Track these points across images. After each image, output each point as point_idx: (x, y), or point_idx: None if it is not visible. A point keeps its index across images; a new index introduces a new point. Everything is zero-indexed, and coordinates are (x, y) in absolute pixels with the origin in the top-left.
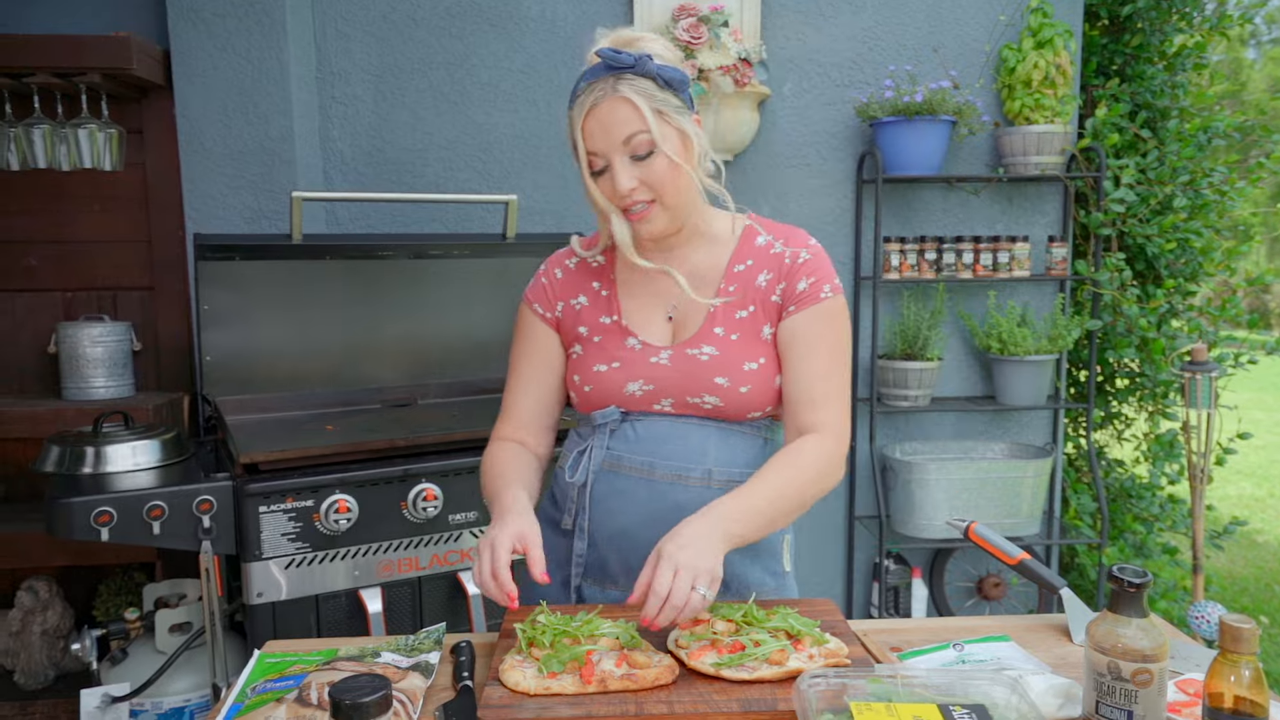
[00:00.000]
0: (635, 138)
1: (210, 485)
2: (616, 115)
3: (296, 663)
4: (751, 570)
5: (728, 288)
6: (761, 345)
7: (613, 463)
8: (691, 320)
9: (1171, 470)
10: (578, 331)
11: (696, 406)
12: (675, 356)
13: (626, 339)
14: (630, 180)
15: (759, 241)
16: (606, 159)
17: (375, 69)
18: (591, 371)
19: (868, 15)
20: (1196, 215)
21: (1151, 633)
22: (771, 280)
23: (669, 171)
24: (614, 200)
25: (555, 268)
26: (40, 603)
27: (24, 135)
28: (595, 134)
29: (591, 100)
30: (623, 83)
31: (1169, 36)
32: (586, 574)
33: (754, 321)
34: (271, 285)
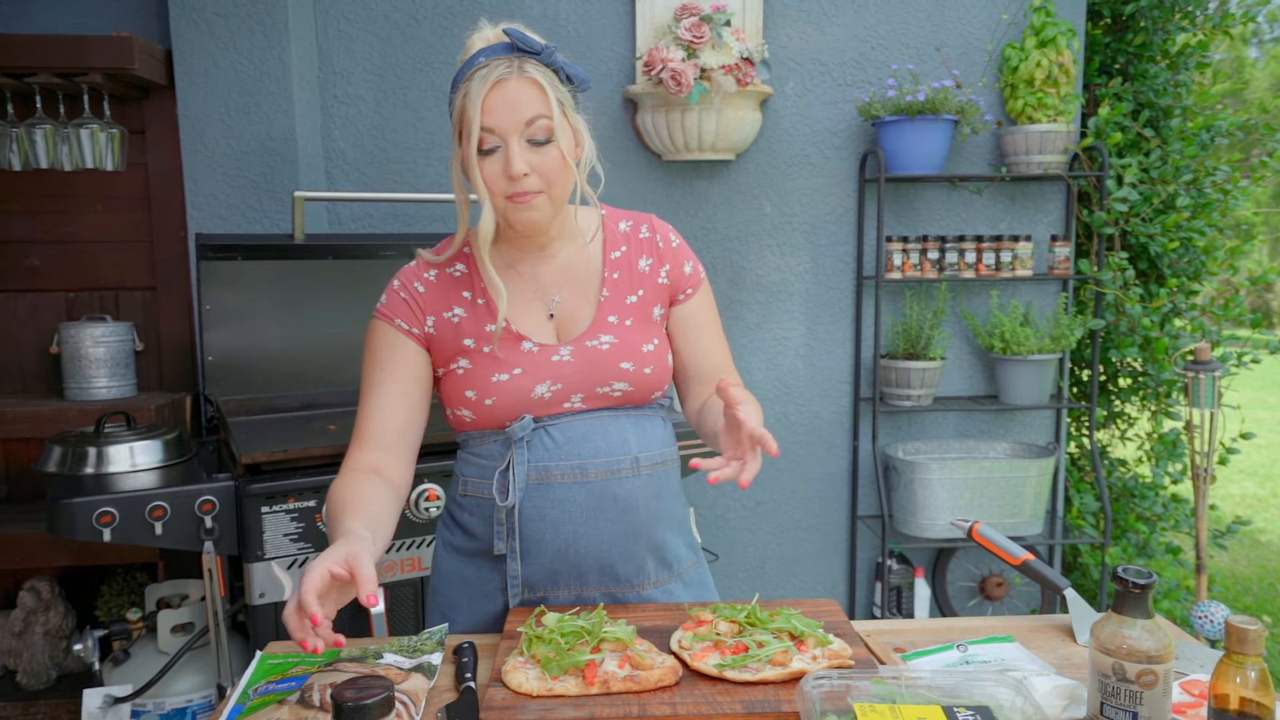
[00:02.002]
0: (537, 121)
1: (212, 485)
2: (523, 94)
3: (299, 664)
4: (680, 546)
5: (611, 275)
6: (653, 326)
7: (540, 475)
8: (580, 314)
9: (1174, 470)
10: (461, 345)
11: (606, 396)
12: (576, 351)
13: (521, 343)
14: (524, 165)
15: (623, 227)
16: (503, 139)
17: (377, 68)
18: (490, 383)
19: (870, 14)
20: (1199, 214)
21: (1157, 634)
22: (654, 264)
23: (559, 164)
24: (500, 184)
25: (414, 282)
26: (42, 603)
27: (26, 135)
28: (498, 110)
29: (498, 75)
30: (529, 65)
31: (1172, 35)
32: (527, 591)
33: (644, 305)
34: (273, 285)
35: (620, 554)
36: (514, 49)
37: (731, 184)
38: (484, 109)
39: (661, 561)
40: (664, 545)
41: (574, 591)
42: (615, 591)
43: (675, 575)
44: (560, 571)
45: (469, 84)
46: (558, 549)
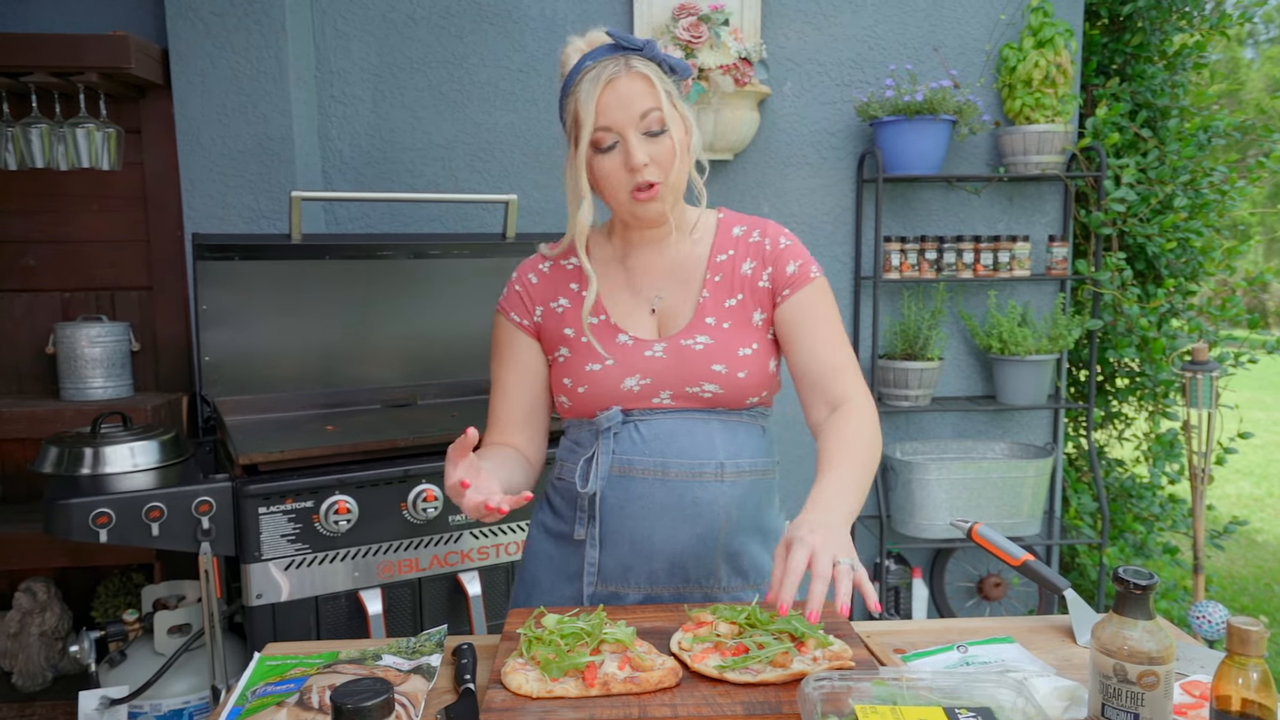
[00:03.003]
0: (651, 114)
1: (209, 486)
2: (634, 89)
3: (297, 665)
4: (765, 557)
5: (713, 278)
6: (753, 331)
7: (623, 467)
8: (679, 312)
9: (1172, 470)
10: (563, 334)
11: (696, 396)
12: (670, 348)
13: (617, 336)
14: (644, 156)
15: (736, 232)
16: (620, 134)
17: (374, 68)
18: (584, 371)
19: (868, 14)
20: (1197, 215)
21: (1158, 635)
22: (757, 267)
23: (674, 152)
24: (621, 179)
25: (528, 274)
26: (38, 604)
27: (22, 135)
28: (612, 107)
29: (609, 74)
30: (635, 60)
31: (1169, 36)
32: (602, 581)
33: (743, 309)
34: (270, 285)
35: (693, 555)
36: (617, 48)
37: (729, 184)
38: (599, 108)
39: (736, 569)
40: (741, 554)
41: (643, 590)
42: (685, 591)
43: (752, 585)
44: (633, 565)
45: (579, 88)
46: (632, 542)
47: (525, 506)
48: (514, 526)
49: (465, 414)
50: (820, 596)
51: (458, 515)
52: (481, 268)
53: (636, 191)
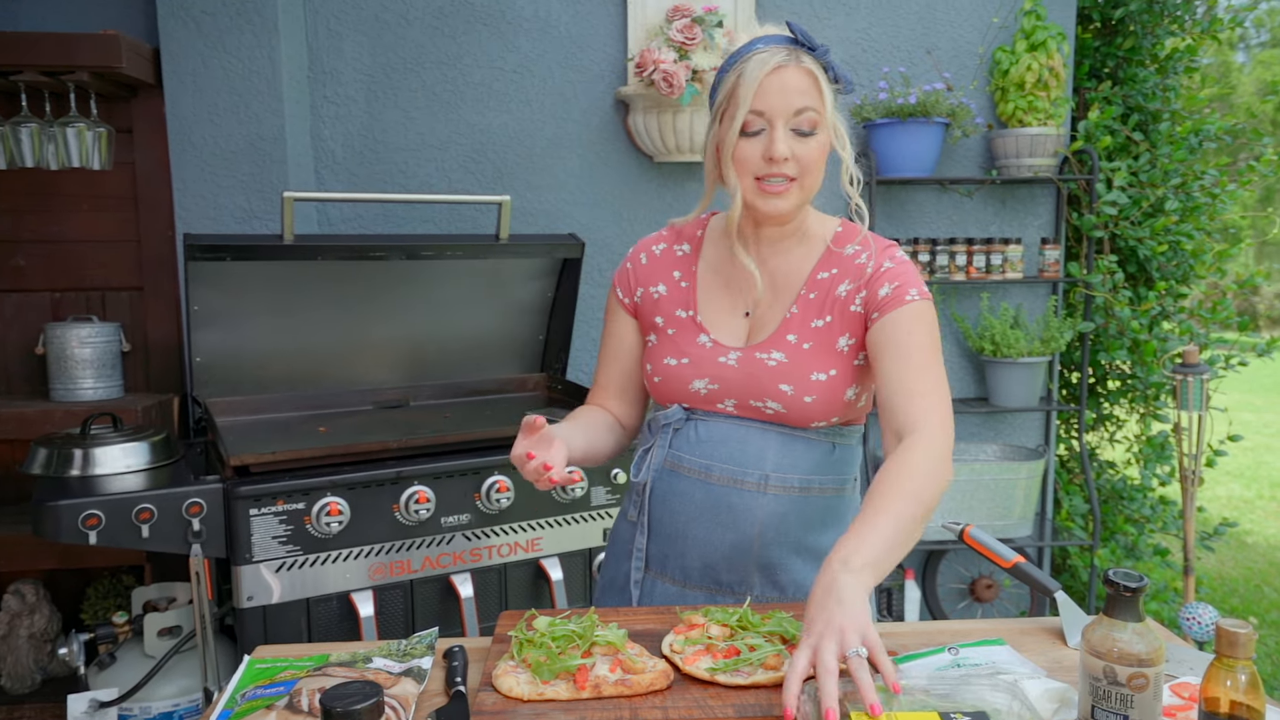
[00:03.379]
0: (807, 112)
1: (200, 488)
2: (800, 83)
3: (287, 668)
4: (809, 574)
5: (808, 294)
6: (834, 356)
7: (673, 463)
8: (767, 322)
9: (1163, 472)
10: (654, 320)
11: (759, 410)
12: (743, 359)
13: (699, 336)
14: (786, 149)
15: (847, 250)
16: (770, 122)
17: (367, 68)
18: (661, 363)
19: (861, 17)
20: (1188, 218)
21: (1147, 637)
22: (851, 290)
23: (818, 156)
24: (755, 165)
25: (641, 253)
26: (27, 606)
27: (11, 134)
28: (771, 93)
29: (777, 61)
30: (806, 57)
31: (1161, 40)
32: (649, 567)
33: (829, 332)
34: (262, 286)
35: (724, 560)
36: (794, 41)
37: None
38: (758, 92)
39: (772, 581)
40: (777, 567)
41: (678, 584)
42: (716, 593)
43: (789, 599)
44: (669, 556)
45: (745, 65)
46: (670, 535)
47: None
48: (506, 530)
49: (458, 415)
50: (831, 692)
51: (449, 517)
52: (475, 269)
53: (764, 181)
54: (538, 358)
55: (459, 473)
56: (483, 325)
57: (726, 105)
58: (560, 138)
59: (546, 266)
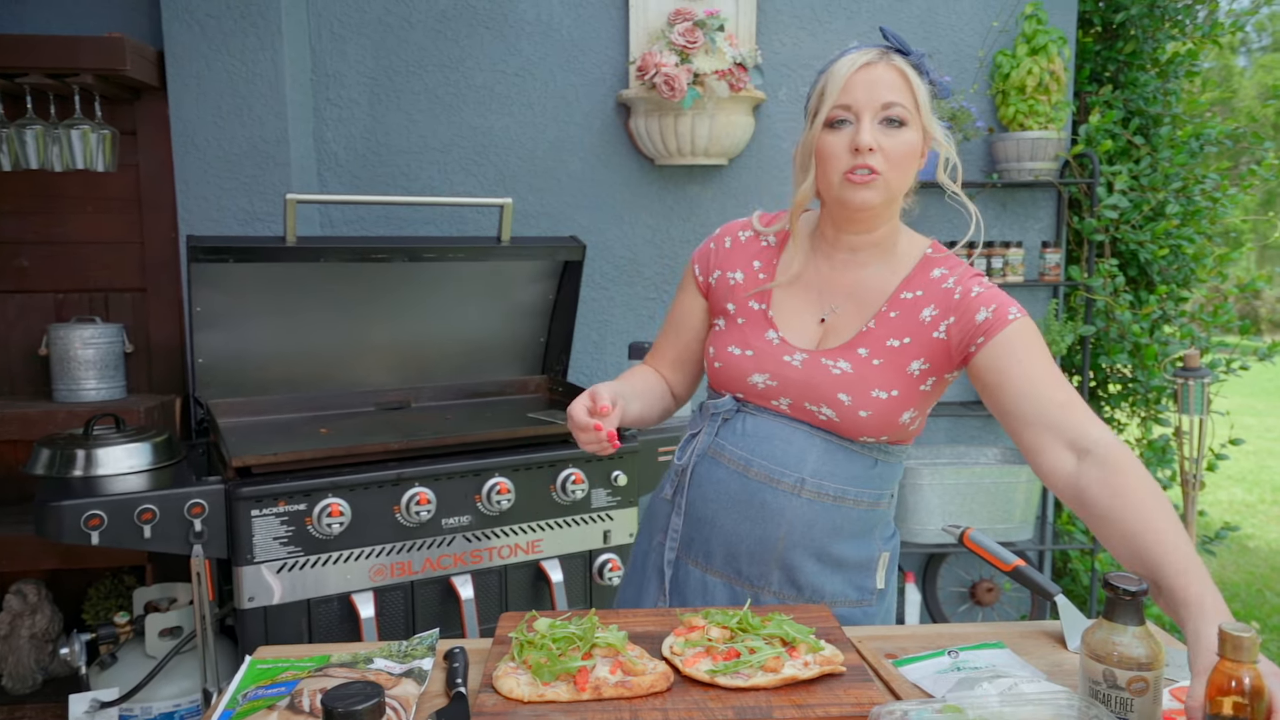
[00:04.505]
0: (895, 107)
1: (202, 489)
2: (887, 78)
3: (289, 669)
4: (832, 581)
5: (889, 312)
6: (902, 378)
7: (715, 451)
8: (841, 331)
9: (1164, 476)
10: (725, 306)
11: (812, 415)
12: (809, 362)
13: (767, 331)
14: (871, 139)
15: (934, 274)
16: (856, 115)
17: (370, 71)
18: (725, 350)
19: (863, 21)
20: (1189, 221)
21: (1147, 641)
22: (937, 316)
23: (906, 151)
24: (842, 158)
25: (726, 236)
26: (29, 606)
27: (16, 136)
28: (859, 86)
29: (868, 59)
30: (897, 58)
31: (1162, 44)
32: (682, 549)
33: (904, 353)
34: (265, 288)
35: (747, 553)
36: (886, 46)
37: (724, 189)
38: (845, 86)
39: (790, 581)
40: (798, 569)
41: (702, 567)
42: (735, 583)
43: (807, 599)
44: (695, 540)
45: (836, 65)
46: (699, 519)
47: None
48: (506, 531)
49: (459, 417)
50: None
51: (450, 519)
52: (477, 271)
53: (851, 173)
54: (539, 360)
55: (460, 474)
56: (484, 327)
57: (816, 106)
58: (562, 140)
59: (548, 269)
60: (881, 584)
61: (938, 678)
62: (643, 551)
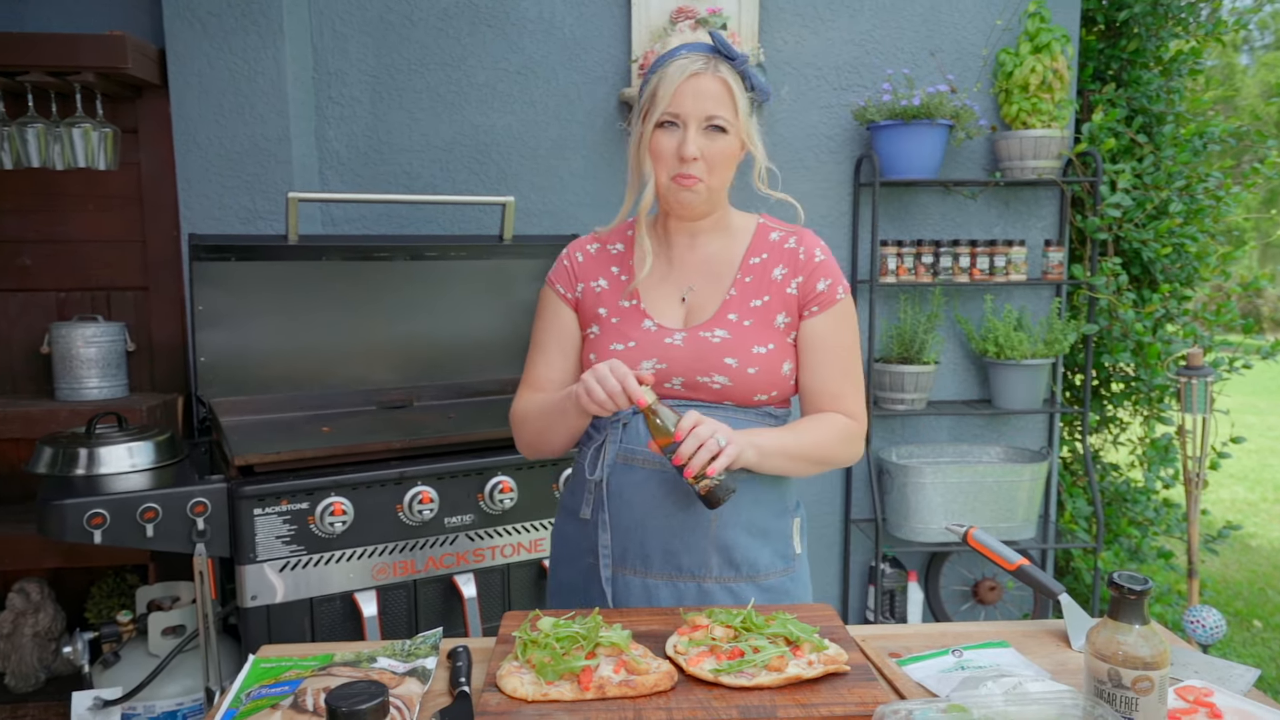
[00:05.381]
0: (718, 119)
1: (204, 487)
2: (712, 89)
3: (292, 668)
4: (762, 552)
5: (744, 278)
6: (772, 332)
7: (626, 457)
8: (706, 305)
9: (1166, 475)
10: (597, 313)
11: (706, 387)
12: (689, 338)
13: (643, 321)
14: (696, 149)
15: (773, 237)
16: (684, 123)
17: (372, 69)
18: (608, 350)
19: (865, 19)
20: (1192, 220)
21: (1152, 640)
22: (787, 274)
23: (726, 156)
24: (670, 161)
25: (576, 252)
26: (32, 604)
27: (18, 134)
28: (687, 97)
29: (696, 68)
30: (724, 66)
31: (1165, 42)
32: (617, 563)
33: (767, 310)
34: (267, 286)
35: (683, 544)
36: (714, 50)
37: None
38: (675, 95)
39: (728, 561)
40: (733, 547)
41: (641, 574)
42: (678, 581)
43: (745, 578)
44: (629, 549)
45: (666, 69)
46: (629, 527)
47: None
48: (509, 530)
49: (462, 416)
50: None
51: (453, 518)
52: (479, 269)
53: (677, 178)
54: None
55: (462, 473)
56: (486, 326)
57: (649, 105)
58: (564, 139)
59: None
60: (799, 549)
61: (942, 677)
62: (571, 577)
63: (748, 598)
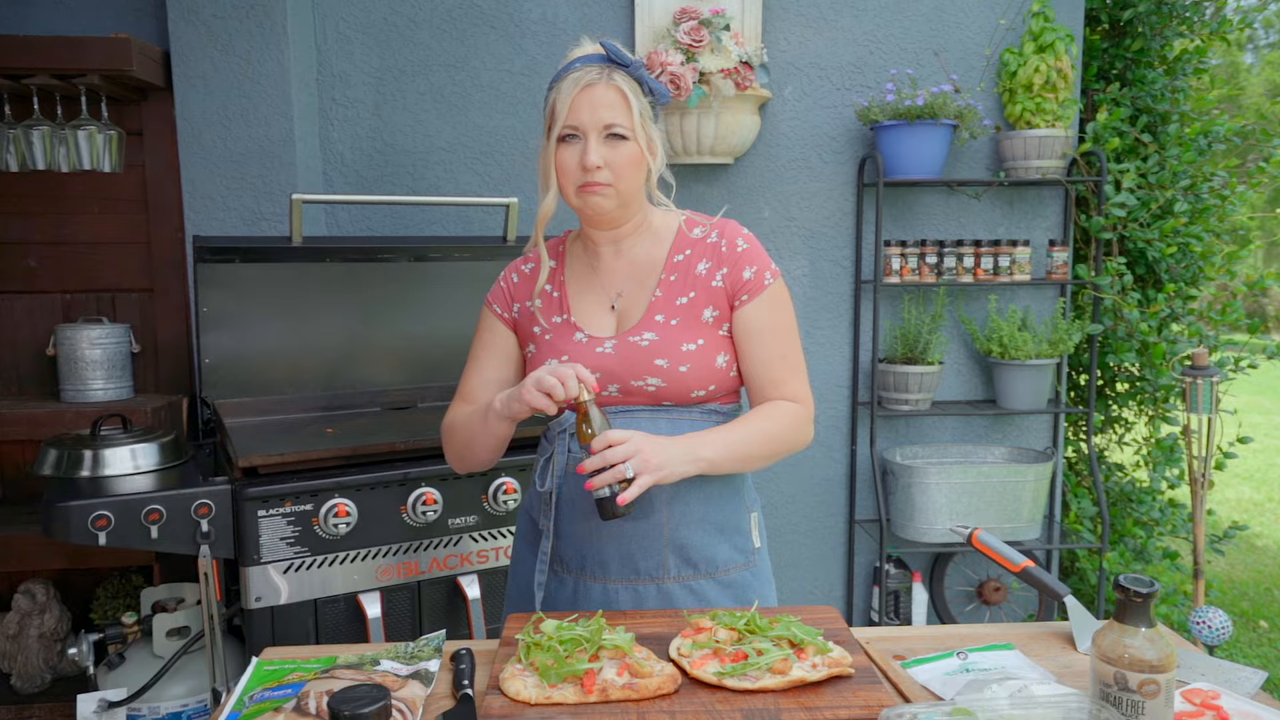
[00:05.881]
0: (616, 126)
1: (209, 489)
2: (606, 99)
3: (295, 670)
4: (720, 548)
5: (668, 277)
6: (700, 328)
7: (577, 464)
8: (634, 310)
9: (1172, 475)
10: (532, 331)
11: (640, 390)
12: (619, 345)
13: (574, 334)
14: (598, 158)
15: (695, 233)
16: (583, 134)
17: (376, 71)
18: (544, 366)
19: (869, 19)
20: (1197, 219)
21: (1158, 643)
22: (711, 267)
23: (630, 161)
24: (574, 173)
25: (512, 273)
26: (37, 605)
27: (23, 136)
28: (582, 109)
29: (588, 79)
30: (618, 74)
31: (1169, 41)
32: (564, 568)
33: (693, 306)
34: (271, 288)
35: (638, 548)
36: (607, 59)
37: (730, 187)
38: (571, 107)
39: (685, 560)
40: (688, 545)
41: (600, 580)
42: (638, 584)
43: (705, 575)
44: (587, 556)
45: (561, 84)
46: (584, 535)
47: None
48: (513, 531)
49: None
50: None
51: (457, 519)
52: (482, 271)
53: (584, 187)
54: None
55: (466, 475)
56: None
57: (550, 120)
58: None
59: None
60: (758, 543)
61: (947, 679)
62: (527, 589)
63: (709, 595)
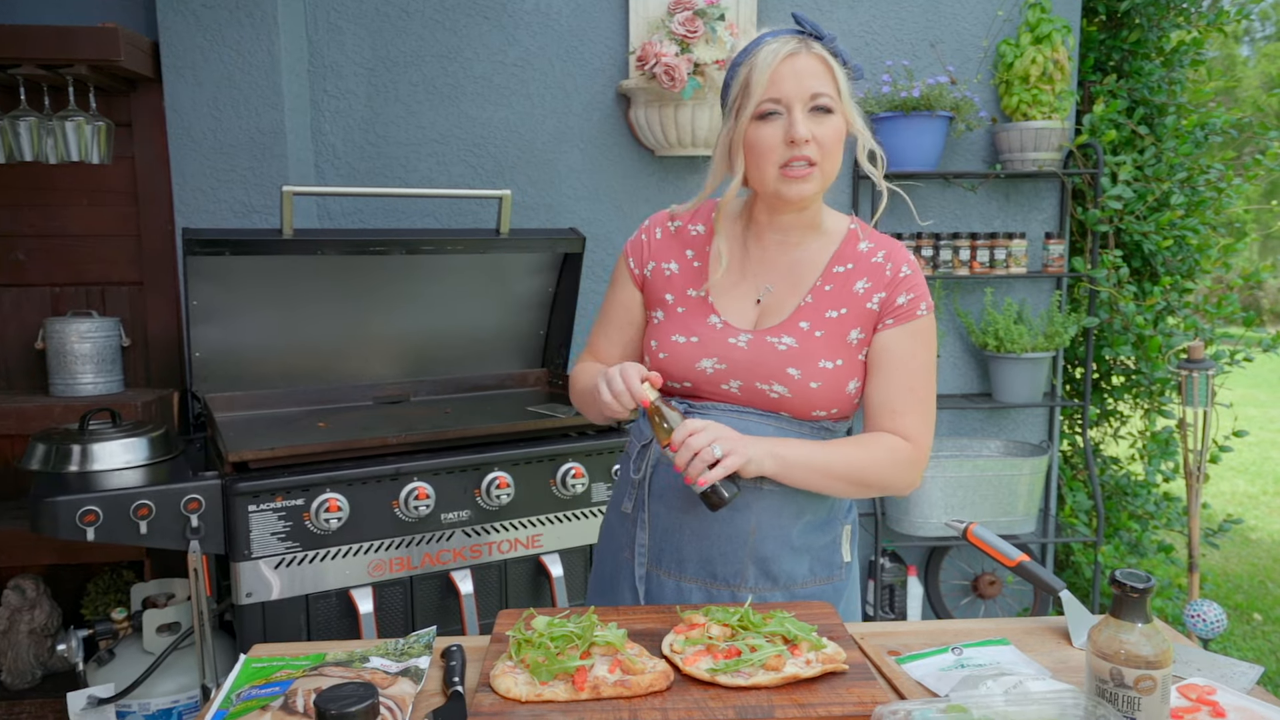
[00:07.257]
0: (823, 96)
1: (199, 484)
2: (812, 67)
3: (283, 668)
4: (802, 563)
5: (824, 286)
6: (843, 347)
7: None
8: (779, 309)
9: (1167, 468)
10: (663, 298)
11: (763, 394)
12: (754, 341)
13: (709, 316)
14: (806, 131)
15: (861, 247)
16: (787, 107)
17: (368, 62)
18: (669, 340)
19: (865, 9)
20: (1193, 212)
21: (1155, 639)
22: (870, 288)
23: (837, 136)
24: (777, 151)
25: (657, 227)
26: (27, 601)
27: (10, 128)
28: (786, 79)
29: (789, 50)
30: (816, 45)
31: (1166, 33)
32: (652, 561)
33: (842, 323)
34: (262, 280)
35: (719, 553)
36: (801, 31)
37: None
38: (771, 79)
39: (765, 574)
40: (771, 560)
41: (675, 576)
42: (711, 588)
43: (781, 588)
44: (665, 550)
45: (755, 57)
46: (666, 528)
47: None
48: (506, 526)
49: (458, 411)
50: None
51: (449, 514)
52: (475, 264)
53: (787, 167)
54: (538, 353)
55: (459, 469)
56: (483, 320)
57: (741, 97)
58: (561, 132)
59: (547, 261)
60: (848, 557)
61: (941, 675)
62: (609, 569)
63: None
